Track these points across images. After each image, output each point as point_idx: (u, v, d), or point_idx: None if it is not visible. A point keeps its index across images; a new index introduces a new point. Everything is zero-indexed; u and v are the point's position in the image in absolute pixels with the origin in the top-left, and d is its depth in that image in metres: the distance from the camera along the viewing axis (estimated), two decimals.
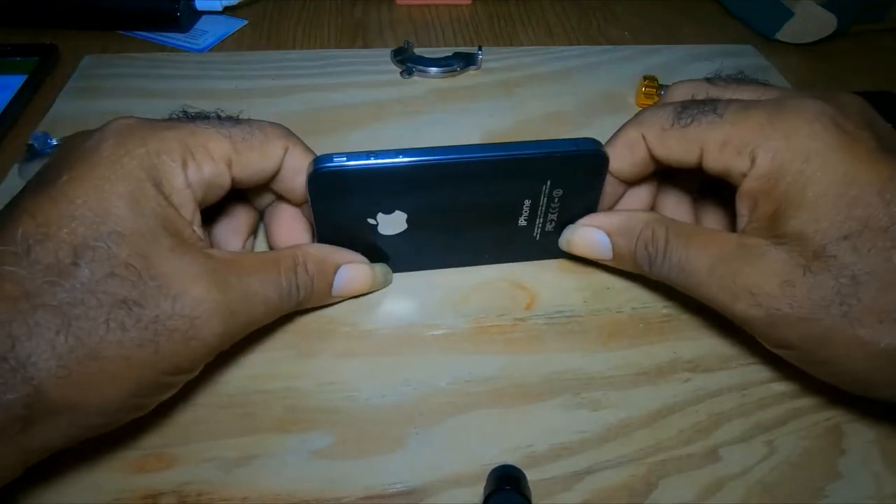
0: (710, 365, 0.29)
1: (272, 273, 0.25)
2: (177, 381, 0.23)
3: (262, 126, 0.26)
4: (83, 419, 0.21)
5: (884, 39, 0.55)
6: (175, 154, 0.24)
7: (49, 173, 0.22)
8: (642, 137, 0.28)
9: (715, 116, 0.26)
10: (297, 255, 0.27)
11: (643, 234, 0.28)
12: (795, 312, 0.23)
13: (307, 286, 0.27)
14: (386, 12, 0.54)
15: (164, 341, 0.21)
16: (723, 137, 0.25)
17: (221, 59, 0.47)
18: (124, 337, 0.20)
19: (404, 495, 0.24)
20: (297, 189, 0.28)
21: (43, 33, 0.48)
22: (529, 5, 0.56)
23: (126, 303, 0.21)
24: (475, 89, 0.45)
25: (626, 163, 0.29)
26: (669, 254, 0.27)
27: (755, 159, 0.25)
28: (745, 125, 0.25)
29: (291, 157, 0.27)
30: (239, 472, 0.24)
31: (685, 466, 0.25)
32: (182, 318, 0.22)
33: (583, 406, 0.27)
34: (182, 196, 0.24)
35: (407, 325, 0.30)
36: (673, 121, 0.27)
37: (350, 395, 0.27)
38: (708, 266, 0.25)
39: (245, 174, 0.26)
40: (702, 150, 0.26)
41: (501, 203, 0.29)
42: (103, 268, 0.21)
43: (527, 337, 0.30)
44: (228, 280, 0.23)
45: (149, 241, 0.22)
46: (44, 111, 0.40)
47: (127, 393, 0.21)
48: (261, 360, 0.28)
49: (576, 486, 0.25)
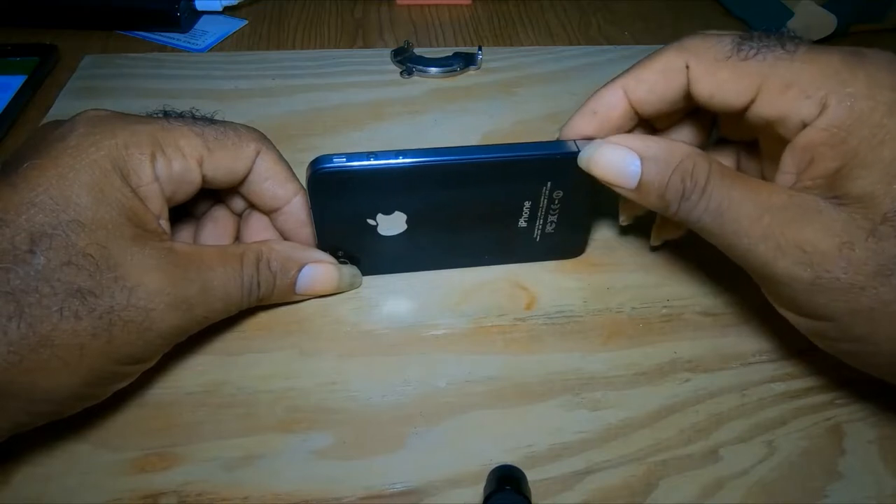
0: (710, 365, 0.29)
1: (234, 268, 0.25)
2: (132, 370, 0.24)
3: (236, 128, 0.27)
4: (32, 406, 0.21)
5: (884, 39, 0.55)
6: (144, 147, 0.24)
7: (14, 161, 0.23)
8: (685, 67, 0.24)
9: (783, 52, 0.23)
10: (262, 250, 0.27)
11: (683, 164, 0.24)
12: (849, 278, 0.21)
13: (269, 283, 0.27)
14: (386, 12, 0.54)
15: (119, 332, 0.21)
16: (790, 76, 0.22)
17: (221, 59, 0.47)
18: (78, 326, 0.21)
19: (404, 495, 0.24)
20: (265, 195, 0.28)
21: (43, 33, 0.48)
22: (529, 5, 0.56)
23: (81, 292, 0.21)
24: (475, 89, 0.45)
25: (655, 94, 0.25)
26: (709, 192, 0.23)
27: (827, 106, 0.22)
28: (820, 66, 0.22)
29: (262, 161, 0.27)
30: (239, 471, 0.24)
31: (685, 466, 0.25)
32: (137, 309, 0.22)
33: (583, 406, 0.27)
34: (149, 189, 0.24)
35: (407, 325, 0.30)
36: (732, 51, 0.23)
37: (350, 395, 0.27)
38: (753, 214, 0.22)
39: (216, 174, 0.26)
40: (758, 92, 0.23)
41: (501, 204, 0.29)
42: (60, 256, 0.21)
43: (527, 337, 0.30)
44: (188, 274, 0.24)
45: (110, 231, 0.22)
46: (44, 111, 0.40)
47: (79, 381, 0.21)
48: (261, 360, 0.28)
49: (576, 486, 0.25)
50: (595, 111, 0.27)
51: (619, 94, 0.26)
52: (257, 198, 0.28)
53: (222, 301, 0.25)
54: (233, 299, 0.26)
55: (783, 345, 0.29)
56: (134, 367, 0.24)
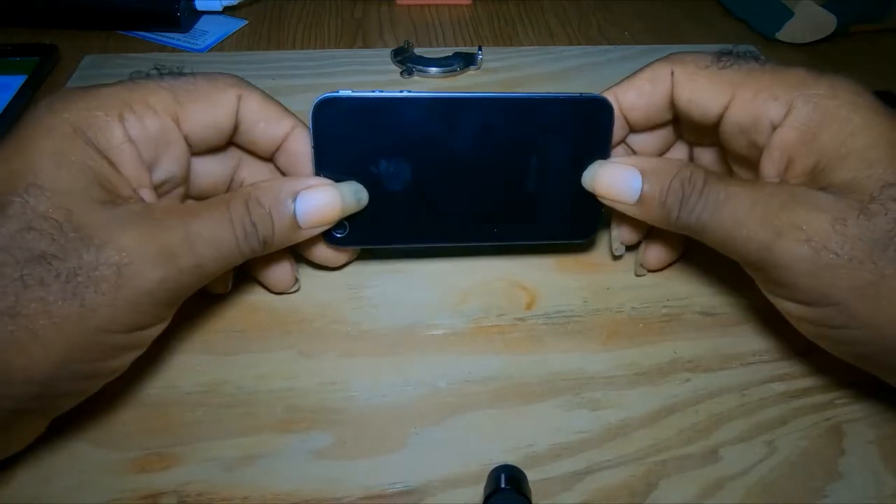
0: (710, 365, 0.29)
1: (220, 210, 0.23)
2: (132, 339, 0.22)
3: (209, 76, 0.25)
4: (11, 388, 0.20)
5: (884, 39, 0.55)
6: (110, 109, 0.22)
7: None
8: (670, 73, 0.27)
9: (756, 64, 0.26)
10: (248, 190, 0.24)
11: (681, 172, 0.25)
12: (847, 252, 0.21)
13: (265, 220, 0.24)
14: (386, 12, 0.54)
15: (91, 294, 0.20)
16: (760, 84, 0.25)
17: (221, 59, 0.47)
18: (44, 293, 0.19)
19: (404, 495, 0.24)
20: (261, 138, 0.26)
21: (43, 33, 0.48)
22: (529, 5, 0.56)
23: (44, 257, 0.19)
24: (475, 89, 0.45)
25: (643, 98, 0.28)
26: (707, 193, 0.24)
27: (793, 107, 0.24)
28: (787, 74, 0.25)
29: (247, 104, 0.26)
30: (239, 471, 0.24)
31: (685, 466, 0.25)
32: (108, 266, 0.20)
33: (583, 406, 0.27)
34: (121, 153, 0.22)
35: (407, 325, 0.30)
36: (711, 62, 0.26)
37: (350, 395, 0.27)
38: (748, 204, 0.24)
39: (197, 129, 0.25)
40: (732, 97, 0.25)
41: (507, 156, 0.28)
42: (18, 222, 0.20)
43: (527, 337, 0.30)
44: (165, 223, 0.22)
45: (75, 194, 0.21)
46: None
47: (58, 355, 0.20)
48: (261, 360, 0.28)
49: (576, 486, 0.25)
50: None
51: (611, 99, 0.28)
52: (255, 144, 0.27)
53: (213, 247, 0.23)
54: (225, 243, 0.23)
55: (783, 345, 0.29)
56: (130, 336, 0.22)
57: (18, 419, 0.21)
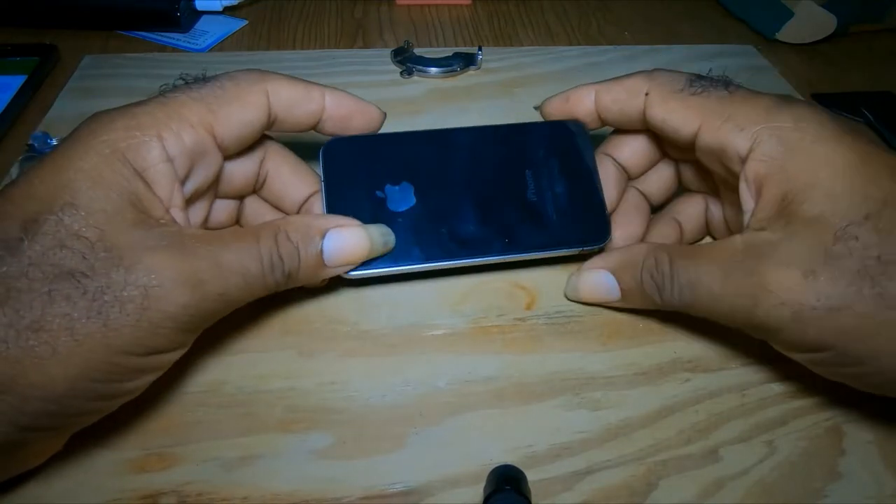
0: (710, 365, 0.29)
1: (250, 242, 0.24)
2: (151, 362, 0.22)
3: (232, 76, 0.26)
4: (27, 404, 0.19)
5: (884, 39, 0.55)
6: (148, 129, 0.23)
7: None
8: (645, 94, 0.28)
9: (725, 92, 0.26)
10: (278, 224, 0.25)
11: (646, 262, 0.27)
12: (824, 304, 0.21)
13: (292, 255, 0.25)
14: (386, 12, 0.54)
15: (116, 314, 0.20)
16: (728, 112, 0.25)
17: (221, 59, 0.47)
18: (69, 309, 0.19)
19: (404, 495, 0.24)
20: (299, 120, 0.27)
21: (43, 33, 0.48)
22: (529, 5, 0.56)
23: (73, 274, 0.20)
24: (475, 89, 0.45)
25: (617, 106, 0.29)
26: (677, 275, 0.25)
27: (758, 140, 0.24)
28: (753, 105, 0.25)
29: (276, 96, 0.26)
30: (239, 471, 0.24)
31: (685, 466, 0.25)
32: (136, 287, 0.20)
33: (583, 406, 0.27)
34: (157, 172, 0.23)
35: (407, 325, 0.30)
36: (684, 85, 0.27)
37: (350, 395, 0.27)
38: (720, 276, 0.24)
39: (231, 135, 0.25)
40: (701, 124, 0.26)
41: (504, 171, 0.30)
42: (52, 239, 0.20)
43: (527, 337, 0.30)
44: (196, 249, 0.22)
45: (109, 214, 0.21)
46: (44, 111, 0.40)
47: (76, 375, 0.20)
48: (261, 360, 0.28)
49: (576, 486, 0.25)
50: (568, 98, 0.31)
51: (591, 94, 0.30)
52: (295, 126, 0.27)
53: (240, 275, 0.23)
54: (252, 274, 0.23)
55: None
56: (149, 359, 0.21)
57: (34, 436, 0.21)
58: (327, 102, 0.28)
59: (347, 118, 0.29)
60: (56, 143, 0.36)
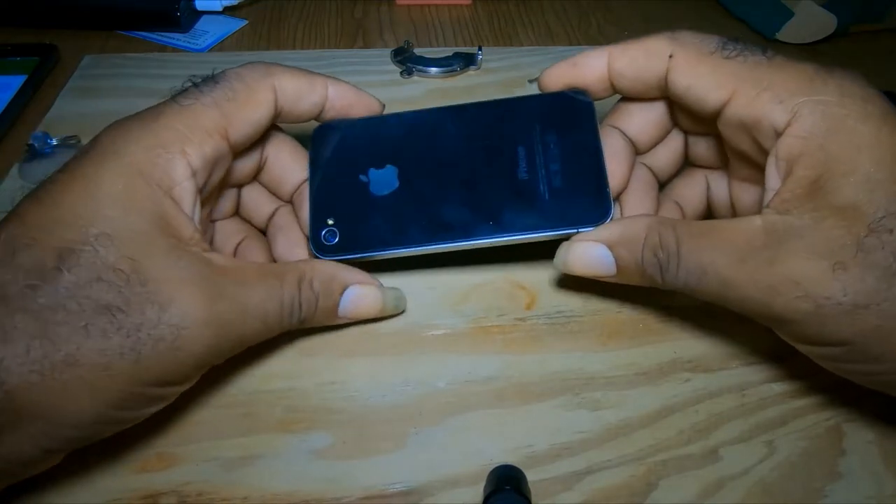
0: (710, 365, 0.29)
1: (274, 286, 0.24)
2: (165, 393, 0.22)
3: (240, 75, 0.26)
4: (56, 430, 0.20)
5: (884, 39, 0.55)
6: (171, 146, 0.23)
7: (48, 177, 0.22)
8: (669, 56, 0.25)
9: (763, 58, 0.23)
10: (304, 269, 0.25)
11: (649, 239, 0.24)
12: (850, 299, 0.20)
13: (311, 304, 0.25)
14: (386, 12, 0.54)
15: (148, 351, 0.20)
16: (766, 80, 0.23)
17: (221, 59, 0.47)
18: (105, 344, 0.19)
19: (404, 495, 0.24)
20: (305, 108, 0.28)
21: (43, 33, 0.48)
22: (529, 5, 0.56)
23: (109, 309, 0.20)
24: (475, 89, 0.45)
25: (634, 70, 0.26)
26: (684, 256, 0.23)
27: (798, 114, 0.22)
28: (793, 73, 0.23)
29: (282, 91, 0.26)
30: (239, 471, 0.24)
31: (685, 466, 0.25)
32: (169, 327, 0.20)
33: (583, 406, 0.27)
34: (184, 189, 0.23)
35: (407, 325, 0.30)
36: (716, 48, 0.24)
37: (350, 395, 0.27)
38: (735, 260, 0.22)
39: (243, 133, 0.25)
40: (733, 92, 0.23)
41: (493, 151, 0.28)
42: (89, 272, 0.20)
43: (527, 337, 0.30)
44: (224, 289, 0.22)
45: (142, 242, 0.21)
46: (44, 111, 0.40)
47: (104, 404, 0.20)
48: (261, 360, 0.28)
49: (576, 486, 0.25)
50: (576, 64, 0.28)
51: (604, 58, 0.27)
52: (299, 117, 0.28)
53: (260, 321, 0.23)
54: (272, 320, 0.24)
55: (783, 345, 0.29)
56: (164, 390, 0.22)
57: (52, 455, 0.21)
58: (330, 93, 0.28)
59: (348, 108, 0.29)
60: (56, 143, 0.36)
